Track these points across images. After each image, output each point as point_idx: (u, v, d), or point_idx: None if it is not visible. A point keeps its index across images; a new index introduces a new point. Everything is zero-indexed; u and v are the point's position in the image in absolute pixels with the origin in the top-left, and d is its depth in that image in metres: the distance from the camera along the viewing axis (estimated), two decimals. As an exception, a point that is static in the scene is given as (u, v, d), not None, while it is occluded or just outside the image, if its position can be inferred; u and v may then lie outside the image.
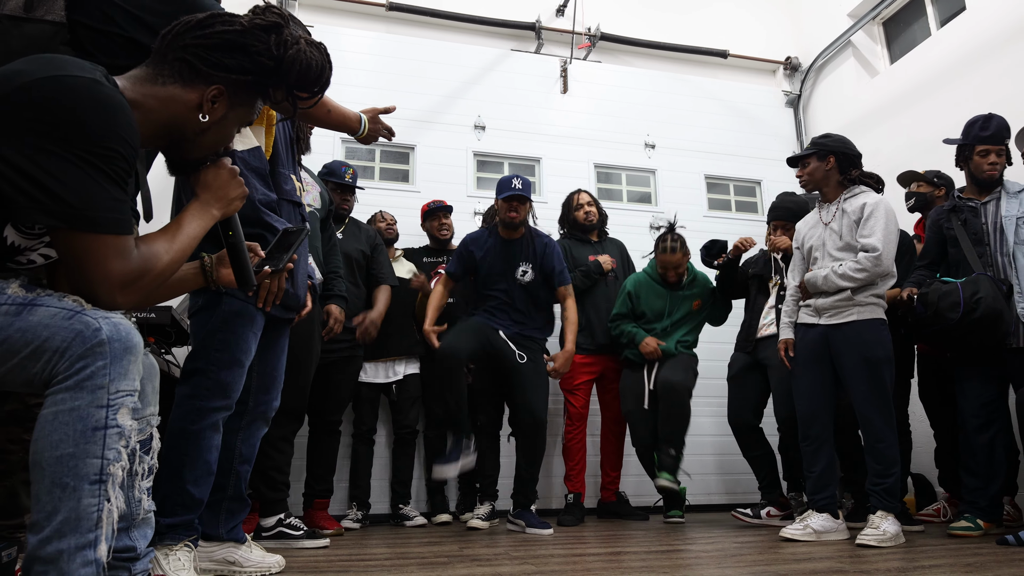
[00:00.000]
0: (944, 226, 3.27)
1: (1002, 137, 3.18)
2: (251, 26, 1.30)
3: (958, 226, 3.20)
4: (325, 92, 1.47)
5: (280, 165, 2.18)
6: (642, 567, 2.26)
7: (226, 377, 1.95)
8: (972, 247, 3.14)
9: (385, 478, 4.08)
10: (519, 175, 3.51)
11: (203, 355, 1.96)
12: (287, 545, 2.75)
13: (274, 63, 1.32)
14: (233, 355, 1.97)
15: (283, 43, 1.32)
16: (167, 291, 1.40)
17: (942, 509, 3.57)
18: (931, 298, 3.05)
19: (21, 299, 1.09)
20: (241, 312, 1.97)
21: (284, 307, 2.14)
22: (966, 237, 3.17)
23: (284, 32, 1.33)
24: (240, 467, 2.16)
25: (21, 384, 1.09)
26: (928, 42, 4.89)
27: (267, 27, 1.31)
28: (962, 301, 2.94)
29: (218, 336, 1.96)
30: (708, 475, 4.77)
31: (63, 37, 1.47)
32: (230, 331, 1.96)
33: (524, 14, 5.47)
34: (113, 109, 1.11)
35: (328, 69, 1.42)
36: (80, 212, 1.08)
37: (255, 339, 2.04)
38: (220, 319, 1.96)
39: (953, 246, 3.23)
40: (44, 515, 1.02)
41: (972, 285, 2.98)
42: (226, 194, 1.38)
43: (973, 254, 3.12)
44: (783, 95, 5.98)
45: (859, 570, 2.15)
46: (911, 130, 4.79)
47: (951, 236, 3.23)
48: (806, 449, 3.09)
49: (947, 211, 3.28)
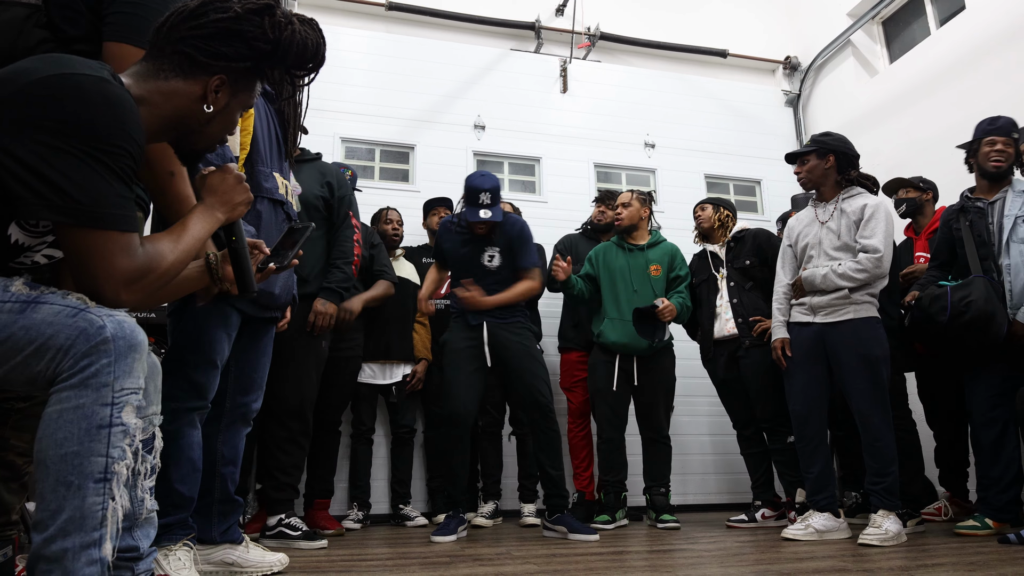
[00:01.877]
0: (953, 227, 3.27)
1: (1009, 129, 3.18)
2: (244, 11, 1.30)
3: (964, 227, 3.19)
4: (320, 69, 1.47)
5: (260, 163, 2.13)
6: (645, 566, 2.25)
7: (199, 377, 1.94)
8: (976, 249, 3.12)
9: (385, 478, 4.07)
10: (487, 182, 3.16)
11: (176, 357, 1.95)
12: (286, 545, 2.74)
13: (271, 46, 1.32)
14: (205, 355, 1.94)
15: (277, 25, 1.32)
16: (172, 291, 1.40)
17: (943, 508, 3.57)
18: (923, 302, 3.08)
19: (25, 296, 1.09)
20: (212, 311, 1.95)
21: (259, 305, 2.09)
22: (970, 239, 3.16)
23: (276, 13, 1.33)
24: (224, 469, 2.14)
25: (24, 383, 1.09)
26: (928, 41, 4.90)
27: (259, 10, 1.31)
28: (949, 305, 2.95)
29: (190, 336, 1.94)
30: (708, 475, 4.77)
31: (38, 20, 1.48)
32: (201, 331, 1.94)
33: (524, 14, 5.47)
34: (121, 107, 1.11)
35: (323, 46, 1.43)
36: (86, 208, 1.07)
37: (228, 339, 2.02)
38: (192, 319, 1.95)
39: (960, 247, 3.22)
40: (48, 513, 1.01)
41: (963, 288, 2.98)
42: (231, 199, 1.39)
43: (975, 257, 3.11)
44: (783, 94, 5.99)
45: (862, 569, 2.15)
46: (910, 129, 4.80)
47: (958, 237, 3.23)
48: (802, 450, 3.09)
49: (956, 211, 3.27)
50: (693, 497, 4.67)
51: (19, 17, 1.47)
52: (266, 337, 2.24)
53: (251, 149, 2.12)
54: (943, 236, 3.32)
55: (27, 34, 1.46)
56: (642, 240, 3.86)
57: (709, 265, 3.81)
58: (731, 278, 3.70)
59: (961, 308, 2.93)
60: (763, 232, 3.83)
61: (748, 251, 3.70)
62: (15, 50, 1.44)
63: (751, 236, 3.76)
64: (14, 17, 1.46)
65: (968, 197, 3.26)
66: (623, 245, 3.85)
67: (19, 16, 1.47)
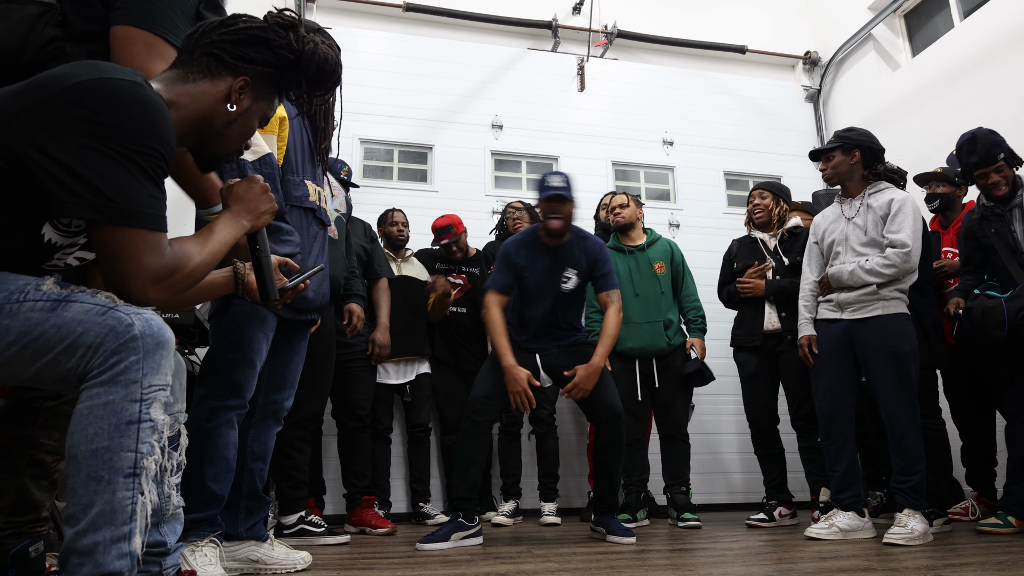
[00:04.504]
0: (979, 234, 3.20)
1: (992, 156, 3.06)
2: (272, 23, 1.40)
3: (992, 235, 3.12)
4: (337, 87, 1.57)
5: (290, 172, 2.19)
6: (667, 564, 2.24)
7: (239, 377, 1.99)
8: (1012, 257, 3.05)
9: (402, 477, 4.09)
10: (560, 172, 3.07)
11: (217, 356, 2.01)
12: (309, 542, 2.77)
13: (294, 56, 1.40)
14: (245, 355, 2.00)
15: (301, 39, 1.41)
16: (197, 294, 1.46)
17: (970, 507, 3.51)
18: (975, 315, 2.99)
19: (56, 295, 1.12)
20: (251, 313, 2.01)
21: (293, 309, 2.15)
22: (1004, 247, 3.08)
23: (300, 30, 1.42)
24: (254, 464, 2.18)
25: (56, 380, 1.11)
26: (951, 34, 4.82)
27: (286, 24, 1.41)
28: (1007, 319, 2.88)
29: (230, 338, 2.00)
30: (733, 474, 4.74)
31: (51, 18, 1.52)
32: (241, 332, 2.00)
33: (541, 13, 5.47)
34: (154, 110, 1.15)
35: (340, 67, 1.52)
36: (119, 206, 1.10)
37: (267, 340, 2.07)
38: (232, 321, 2.01)
39: (993, 254, 3.15)
40: (80, 508, 1.03)
41: (1017, 300, 2.91)
42: (256, 207, 1.43)
43: (1014, 264, 3.03)
44: (803, 90, 5.93)
45: (887, 568, 2.12)
46: (934, 124, 4.72)
47: (988, 244, 3.16)
48: (828, 448, 3.05)
49: (977, 220, 3.21)
50: (718, 496, 4.65)
51: (32, 15, 1.51)
52: (301, 339, 2.30)
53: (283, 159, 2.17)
54: (970, 243, 3.27)
55: (39, 32, 1.50)
56: (639, 240, 3.86)
57: (758, 253, 3.70)
58: (778, 270, 3.61)
59: (1018, 321, 2.87)
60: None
61: (800, 248, 3.52)
62: (27, 46, 1.49)
63: (805, 233, 3.59)
64: (27, 15, 1.51)
65: (986, 205, 3.19)
66: (622, 248, 3.84)
67: (32, 15, 1.51)
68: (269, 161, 2.05)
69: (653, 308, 3.71)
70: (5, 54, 1.47)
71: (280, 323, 2.15)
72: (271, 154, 2.07)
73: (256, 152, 2.01)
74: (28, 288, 1.11)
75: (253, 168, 1.98)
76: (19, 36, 1.49)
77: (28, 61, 1.49)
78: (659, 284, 3.74)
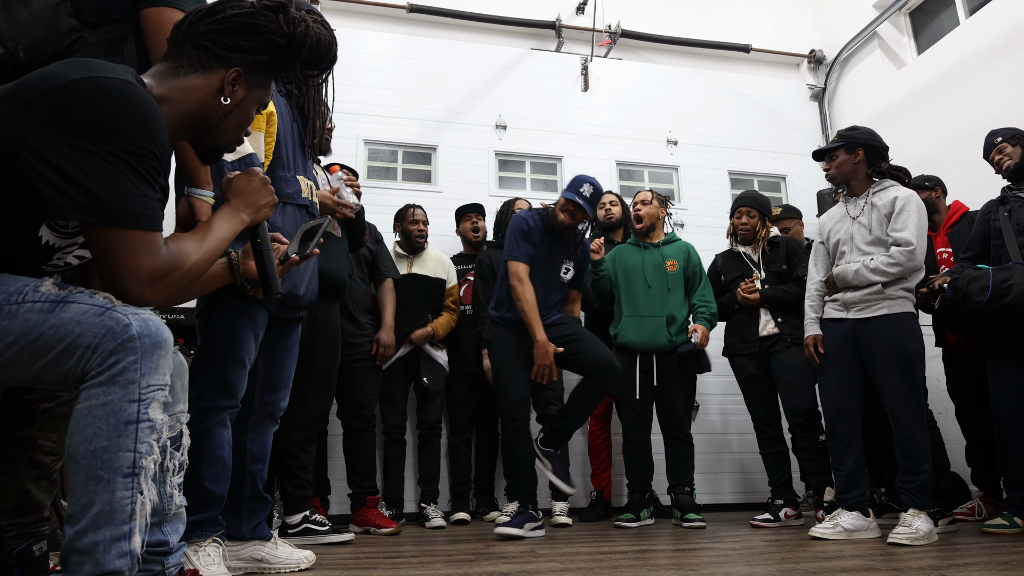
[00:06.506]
0: (991, 218, 3.22)
1: (991, 144, 3.28)
2: (260, 7, 1.35)
3: (1003, 217, 3.14)
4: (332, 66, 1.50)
5: (282, 168, 2.15)
6: (670, 564, 2.24)
7: (229, 376, 1.98)
8: (1015, 237, 3.07)
9: (412, 477, 4.09)
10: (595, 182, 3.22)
11: (206, 356, 1.99)
12: (313, 541, 2.78)
13: (286, 40, 1.36)
14: (235, 354, 1.98)
15: (292, 21, 1.37)
16: (196, 289, 1.43)
17: (976, 508, 3.49)
18: (960, 283, 2.98)
19: (54, 296, 1.12)
20: (240, 311, 1.99)
21: (283, 306, 2.13)
22: (1009, 228, 3.10)
23: (291, 11, 1.37)
24: (253, 466, 2.18)
25: (56, 381, 1.12)
26: (956, 32, 4.79)
27: (274, 7, 1.36)
28: (991, 285, 2.87)
29: (219, 337, 1.99)
30: (739, 474, 4.73)
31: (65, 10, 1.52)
32: (230, 331, 1.98)
33: (544, 13, 5.46)
34: (145, 109, 1.15)
35: (335, 45, 1.47)
36: (111, 207, 1.10)
37: (256, 338, 2.05)
38: (220, 319, 1.99)
39: (996, 238, 3.16)
40: (80, 507, 1.04)
41: (1005, 271, 2.92)
42: (256, 200, 1.42)
43: (1015, 244, 3.05)
44: (807, 89, 5.90)
45: (891, 568, 2.12)
46: (939, 122, 4.70)
47: (995, 228, 3.17)
48: (834, 447, 3.04)
49: (996, 202, 3.24)
50: (722, 496, 4.63)
51: (50, 5, 1.51)
52: (292, 336, 2.28)
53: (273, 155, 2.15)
54: (979, 228, 3.27)
55: (59, 21, 1.51)
56: (658, 239, 3.88)
57: (743, 266, 3.83)
58: (768, 280, 3.72)
59: (1002, 290, 2.86)
60: (794, 241, 3.91)
61: (782, 257, 3.76)
62: (49, 36, 1.49)
63: (784, 243, 3.84)
64: (46, 6, 1.51)
65: (1010, 188, 3.22)
66: (639, 244, 3.87)
67: (50, 4, 1.51)
68: (249, 162, 2.01)
69: (658, 303, 3.72)
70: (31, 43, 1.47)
71: (270, 321, 2.12)
72: (253, 154, 2.02)
73: (237, 152, 1.97)
74: (27, 289, 1.12)
75: (231, 168, 1.93)
76: (43, 25, 1.50)
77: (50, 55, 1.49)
78: (667, 281, 3.75)
